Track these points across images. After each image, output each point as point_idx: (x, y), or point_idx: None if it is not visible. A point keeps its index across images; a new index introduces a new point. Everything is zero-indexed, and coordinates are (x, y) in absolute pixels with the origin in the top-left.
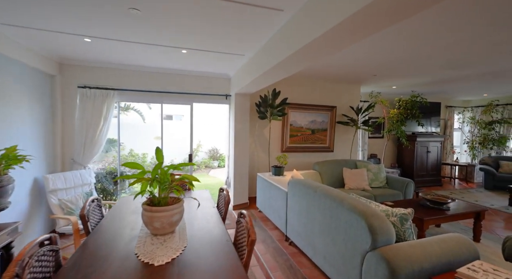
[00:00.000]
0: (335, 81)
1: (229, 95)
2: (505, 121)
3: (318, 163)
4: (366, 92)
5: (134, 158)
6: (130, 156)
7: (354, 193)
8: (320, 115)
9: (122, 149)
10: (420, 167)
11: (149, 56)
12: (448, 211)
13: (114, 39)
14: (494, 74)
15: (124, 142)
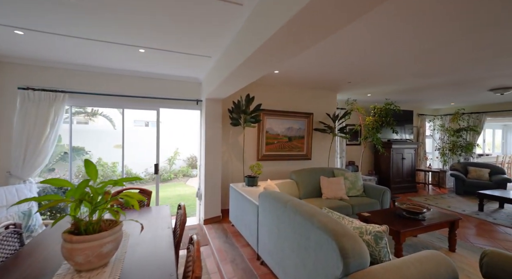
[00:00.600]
0: (312, 88)
1: (200, 101)
2: (471, 129)
3: (295, 172)
4: (343, 99)
5: (102, 167)
6: (98, 165)
7: (329, 205)
8: (297, 122)
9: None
10: (396, 174)
11: (104, 55)
12: (424, 221)
13: (51, 32)
14: (459, 84)
15: (91, 150)
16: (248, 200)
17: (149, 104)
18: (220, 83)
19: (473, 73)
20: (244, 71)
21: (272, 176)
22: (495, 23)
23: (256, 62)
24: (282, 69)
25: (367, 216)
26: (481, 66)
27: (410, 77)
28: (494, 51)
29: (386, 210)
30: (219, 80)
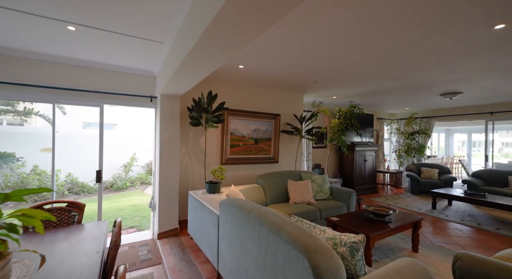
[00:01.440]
0: (279, 88)
1: (155, 97)
2: (423, 132)
3: (262, 176)
4: (309, 101)
5: (39, 176)
6: (34, 174)
7: (297, 211)
8: (264, 124)
9: (21, 166)
10: (359, 175)
11: (22, 33)
12: (391, 223)
13: None
14: (416, 88)
15: (24, 157)
16: (207, 209)
17: (90, 99)
18: (174, 74)
19: (430, 75)
20: (198, 57)
21: (237, 181)
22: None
23: (208, 46)
24: (246, 65)
25: (336, 220)
26: (437, 69)
27: (372, 79)
28: (451, 55)
29: (354, 213)
30: (173, 70)
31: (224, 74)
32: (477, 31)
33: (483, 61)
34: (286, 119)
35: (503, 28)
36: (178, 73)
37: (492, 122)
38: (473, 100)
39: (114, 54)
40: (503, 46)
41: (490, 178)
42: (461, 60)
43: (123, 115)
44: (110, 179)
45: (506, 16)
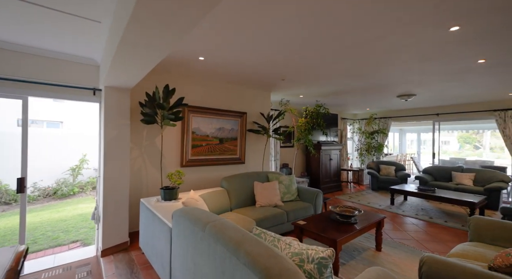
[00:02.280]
0: (245, 85)
1: (99, 90)
2: (381, 132)
3: (226, 179)
4: (277, 100)
5: None
6: None
7: (264, 215)
8: (229, 122)
9: None
10: (325, 174)
11: None
12: (357, 224)
13: None
14: (376, 88)
15: None
16: (159, 220)
17: (8, 89)
18: (113, 61)
19: (389, 76)
20: (135, 39)
21: (201, 185)
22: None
23: (144, 24)
24: (208, 57)
25: (302, 224)
26: (396, 69)
27: (336, 78)
28: (409, 55)
29: (320, 215)
30: (111, 56)
31: (183, 67)
32: (435, 32)
33: (437, 64)
34: (253, 118)
35: (457, 31)
36: (117, 59)
37: (438, 123)
38: (423, 103)
39: (45, 35)
40: (455, 49)
41: (437, 174)
42: (419, 62)
43: (71, 111)
44: (53, 185)
45: (460, 18)
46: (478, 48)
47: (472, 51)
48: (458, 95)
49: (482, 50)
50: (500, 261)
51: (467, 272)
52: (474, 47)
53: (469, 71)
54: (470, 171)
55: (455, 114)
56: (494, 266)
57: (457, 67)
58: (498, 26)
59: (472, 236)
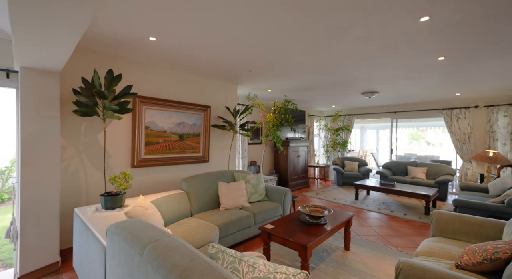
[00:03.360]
0: (209, 75)
1: (14, 71)
2: (345, 128)
3: (187, 180)
4: (244, 94)
5: None
6: None
7: (229, 219)
8: (191, 117)
9: None
10: (293, 171)
11: None
12: (326, 225)
13: None
14: (342, 84)
15: None
16: (93, 236)
17: None
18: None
19: (355, 72)
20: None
21: (156, 187)
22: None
23: None
24: (160, 38)
25: (270, 229)
26: (362, 65)
27: (304, 72)
28: (376, 49)
29: (289, 217)
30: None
31: (132, 50)
32: (405, 22)
33: (401, 60)
34: (218, 112)
35: (427, 22)
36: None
37: (396, 121)
38: (383, 101)
39: None
40: (421, 43)
41: (395, 168)
42: (385, 56)
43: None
44: None
45: (430, 8)
46: (442, 43)
47: (436, 46)
48: (414, 95)
49: (445, 46)
50: (467, 258)
51: (445, 277)
52: (439, 41)
53: (428, 69)
54: (422, 165)
55: (411, 112)
56: (462, 264)
57: (419, 63)
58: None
59: (435, 231)
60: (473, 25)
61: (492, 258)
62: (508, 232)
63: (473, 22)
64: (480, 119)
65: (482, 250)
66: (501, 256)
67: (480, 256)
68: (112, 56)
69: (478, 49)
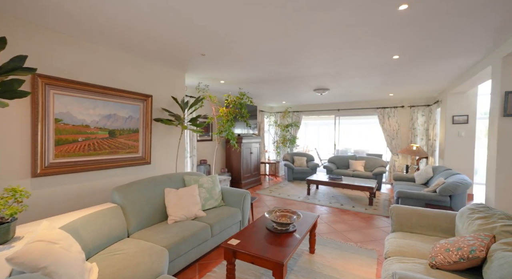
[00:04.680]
0: (153, 58)
1: None
2: (295, 125)
3: (121, 189)
4: (192, 84)
5: None
6: None
7: (180, 237)
8: (126, 108)
9: None
10: (246, 169)
11: None
12: (296, 232)
13: None
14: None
15: None
16: None
17: None
18: None
19: (313, 65)
20: None
21: (75, 203)
22: None
23: None
24: None
25: (236, 245)
26: (324, 56)
27: (262, 61)
28: (341, 40)
29: (253, 226)
30: None
31: (37, 10)
32: (383, 10)
33: (360, 55)
34: (162, 104)
35: (405, 11)
36: None
37: (339, 118)
38: (329, 98)
39: None
40: (386, 38)
41: (339, 162)
42: (347, 51)
43: None
44: None
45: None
46: (401, 41)
47: (395, 43)
48: (356, 94)
49: (403, 45)
50: (442, 258)
51: None
52: (399, 38)
53: (381, 67)
54: (361, 159)
55: (351, 110)
56: (437, 264)
57: (375, 61)
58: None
59: (395, 226)
60: (433, 22)
61: (470, 257)
62: (464, 224)
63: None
64: (405, 117)
65: (456, 249)
66: (478, 254)
67: (456, 255)
68: (10, 19)
69: (428, 50)
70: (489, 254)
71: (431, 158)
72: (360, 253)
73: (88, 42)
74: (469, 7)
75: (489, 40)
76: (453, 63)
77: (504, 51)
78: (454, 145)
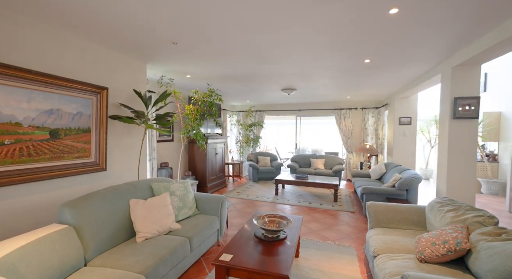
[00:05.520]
0: (109, 43)
1: None
2: (258, 124)
3: (72, 205)
4: (153, 78)
5: None
6: None
7: (155, 258)
8: (74, 101)
9: None
10: (211, 171)
11: None
12: (287, 239)
13: None
14: (269, 77)
15: None
16: None
17: None
18: None
19: (290, 63)
20: None
21: (7, 226)
22: None
23: None
24: None
25: (230, 261)
26: (304, 55)
27: (239, 56)
28: (323, 41)
29: (242, 235)
30: None
31: None
32: (375, 12)
33: (336, 58)
34: (120, 98)
35: (396, 15)
36: None
37: (300, 118)
38: (292, 99)
39: None
40: (361, 42)
41: (301, 161)
42: (327, 51)
43: None
44: None
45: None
46: (376, 44)
47: (370, 47)
48: (317, 94)
49: (374, 49)
50: (430, 252)
51: None
52: (374, 42)
53: (351, 70)
54: (321, 157)
55: (311, 111)
56: (425, 258)
57: (348, 64)
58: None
59: (373, 222)
60: (406, 30)
61: (457, 249)
62: (436, 217)
63: (406, 26)
64: (358, 118)
65: (442, 242)
66: (464, 246)
67: (443, 248)
68: None
69: (394, 56)
70: (473, 245)
71: (380, 155)
72: (340, 252)
73: (22, 14)
74: (438, 19)
75: (444, 51)
76: (409, 69)
77: (454, 62)
78: (400, 144)
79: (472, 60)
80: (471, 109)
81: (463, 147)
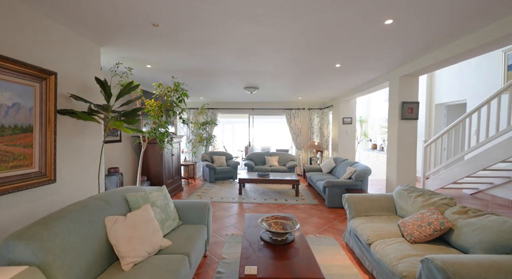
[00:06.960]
0: (57, 15)
1: None
2: (212, 122)
3: (29, 237)
4: (106, 65)
5: None
6: None
7: None
8: (8, 88)
9: None
10: (168, 174)
11: None
12: (295, 242)
13: None
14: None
15: None
16: None
17: None
18: None
19: (269, 60)
20: None
21: None
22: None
23: None
24: None
25: (260, 276)
26: (285, 53)
27: (221, 47)
28: (308, 42)
29: (249, 241)
30: None
31: None
32: (372, 23)
33: (315, 60)
34: (71, 88)
35: (391, 25)
36: None
37: (253, 116)
38: (246, 98)
39: None
40: (335, 47)
41: (257, 159)
42: (306, 54)
43: None
44: None
45: (394, 11)
46: (347, 50)
47: (343, 53)
48: (272, 95)
49: (346, 54)
50: (418, 233)
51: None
52: (348, 46)
53: (320, 73)
54: (274, 155)
55: (264, 110)
56: (415, 239)
57: (320, 67)
58: None
59: (353, 213)
60: (377, 39)
61: (442, 228)
62: (407, 202)
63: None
64: (306, 118)
65: (427, 224)
66: (447, 225)
67: (430, 229)
68: None
69: (358, 62)
70: (453, 223)
71: (326, 151)
72: (324, 243)
73: None
74: (401, 31)
75: (397, 62)
76: (362, 76)
77: (402, 72)
78: (343, 141)
79: (415, 73)
80: (414, 112)
81: (408, 141)
